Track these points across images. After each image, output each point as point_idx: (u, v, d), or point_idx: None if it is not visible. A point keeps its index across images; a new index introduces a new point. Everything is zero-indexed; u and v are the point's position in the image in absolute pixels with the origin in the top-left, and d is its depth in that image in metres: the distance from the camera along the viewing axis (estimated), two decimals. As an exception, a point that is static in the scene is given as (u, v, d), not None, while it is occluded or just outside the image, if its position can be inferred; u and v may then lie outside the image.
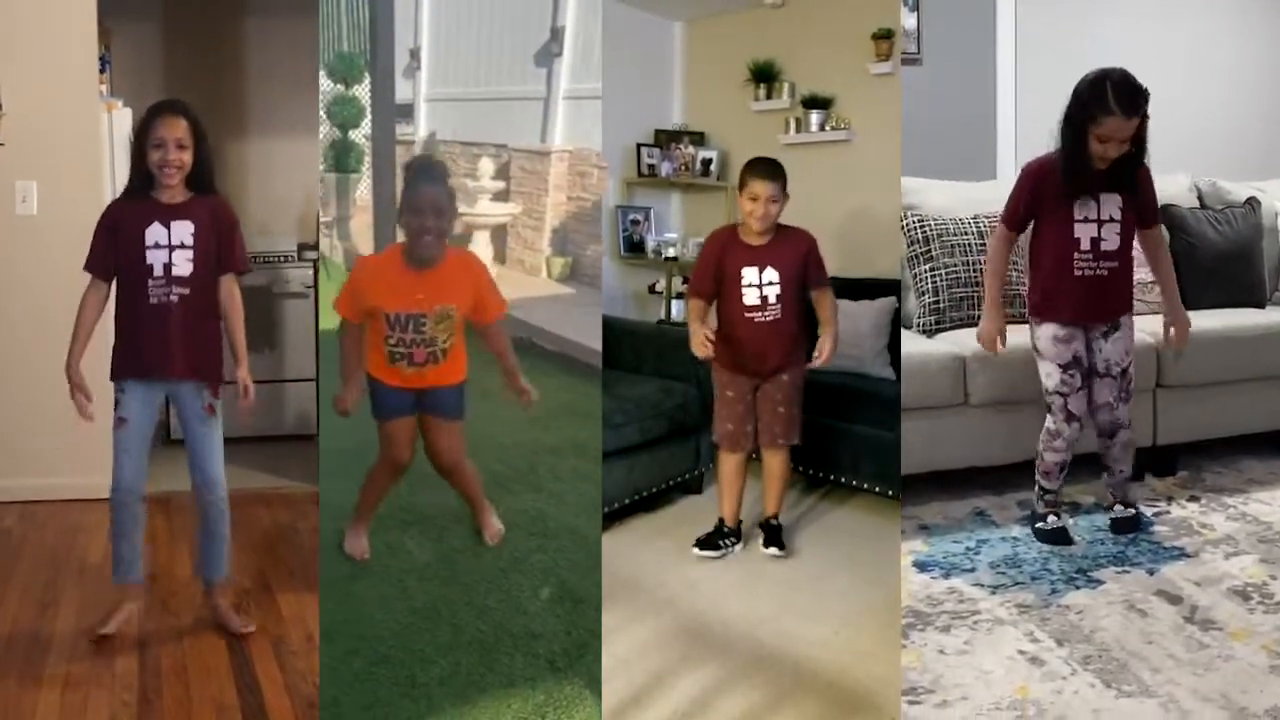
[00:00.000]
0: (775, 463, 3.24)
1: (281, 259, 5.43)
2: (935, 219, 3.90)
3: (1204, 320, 3.85)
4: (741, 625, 2.78)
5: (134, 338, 2.93)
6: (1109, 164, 3.08)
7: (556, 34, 6.35)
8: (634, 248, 5.05)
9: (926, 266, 3.84)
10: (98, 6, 4.31)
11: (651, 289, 5.09)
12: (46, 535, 3.93)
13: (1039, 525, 3.30)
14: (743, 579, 3.10)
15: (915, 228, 3.88)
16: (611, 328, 4.21)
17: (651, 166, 5.02)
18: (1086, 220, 3.14)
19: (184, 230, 2.89)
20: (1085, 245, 3.14)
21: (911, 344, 3.64)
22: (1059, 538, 3.24)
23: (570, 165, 6.24)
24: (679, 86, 5.26)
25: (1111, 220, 3.14)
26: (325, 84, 7.63)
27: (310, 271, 5.43)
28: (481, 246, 6.13)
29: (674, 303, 4.95)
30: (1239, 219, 4.23)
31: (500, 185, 6.48)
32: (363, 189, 7.41)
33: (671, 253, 4.90)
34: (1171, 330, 3.35)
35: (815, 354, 3.10)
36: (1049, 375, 3.22)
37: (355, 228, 7.40)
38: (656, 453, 3.51)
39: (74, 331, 2.95)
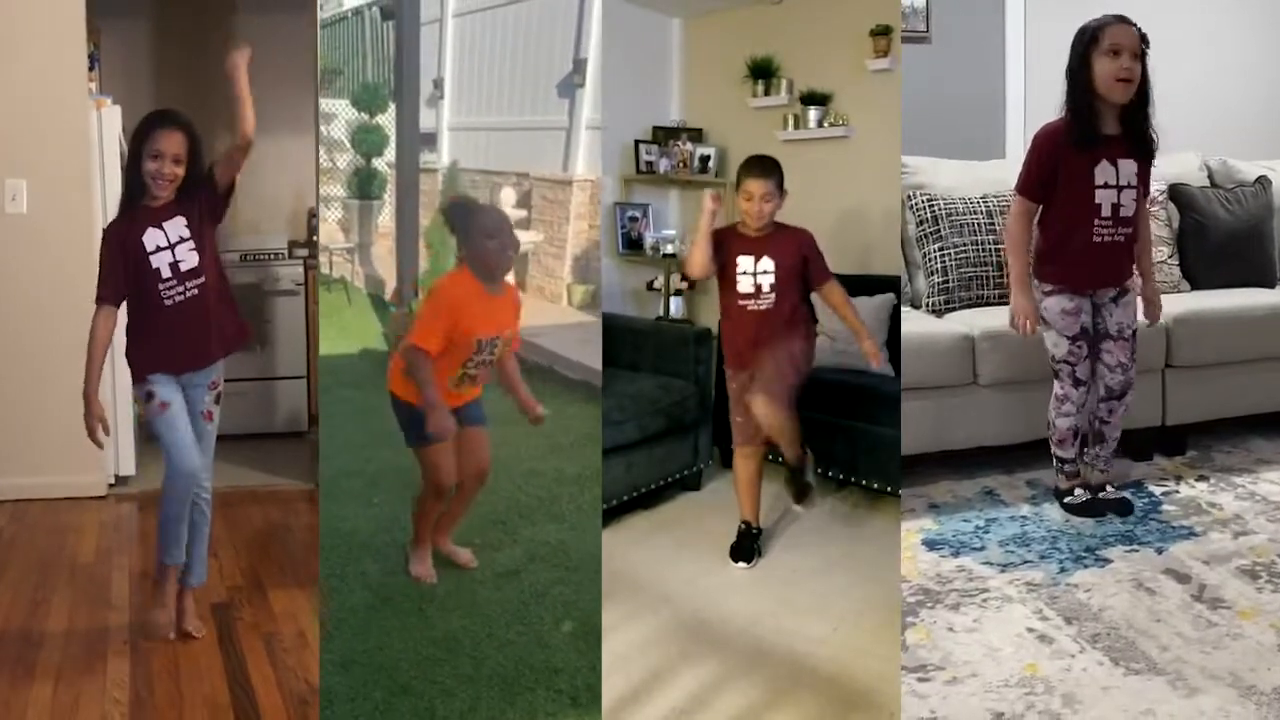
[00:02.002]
0: (764, 411, 3.04)
1: (272, 257, 5.47)
2: (944, 198, 3.93)
3: (1213, 300, 3.92)
4: (740, 622, 2.80)
5: (160, 339, 2.93)
6: (1121, 107, 3.10)
7: (579, 65, 6.51)
8: (632, 245, 5.08)
9: (935, 246, 3.88)
10: (87, 4, 4.35)
11: (649, 286, 5.12)
12: (37, 535, 3.95)
13: (1067, 500, 3.35)
14: (742, 576, 3.12)
15: (924, 207, 3.92)
16: (610, 325, 4.23)
17: (650, 163, 5.05)
18: (1107, 186, 3.14)
19: (178, 225, 2.91)
20: (1106, 211, 3.15)
21: (920, 324, 3.68)
22: (1090, 510, 3.30)
23: (592, 194, 6.37)
24: (677, 83, 5.30)
25: (1129, 186, 3.16)
26: (350, 113, 7.84)
27: (300, 269, 5.47)
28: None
29: (672, 300, 4.99)
30: (1249, 198, 4.27)
31: (522, 214, 6.63)
32: (385, 215, 7.57)
33: (670, 250, 4.93)
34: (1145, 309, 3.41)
35: (868, 359, 3.07)
36: (1057, 345, 3.26)
37: (377, 254, 7.55)
38: (655, 450, 3.53)
39: (89, 359, 2.92)
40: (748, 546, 3.20)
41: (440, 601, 2.72)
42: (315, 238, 5.09)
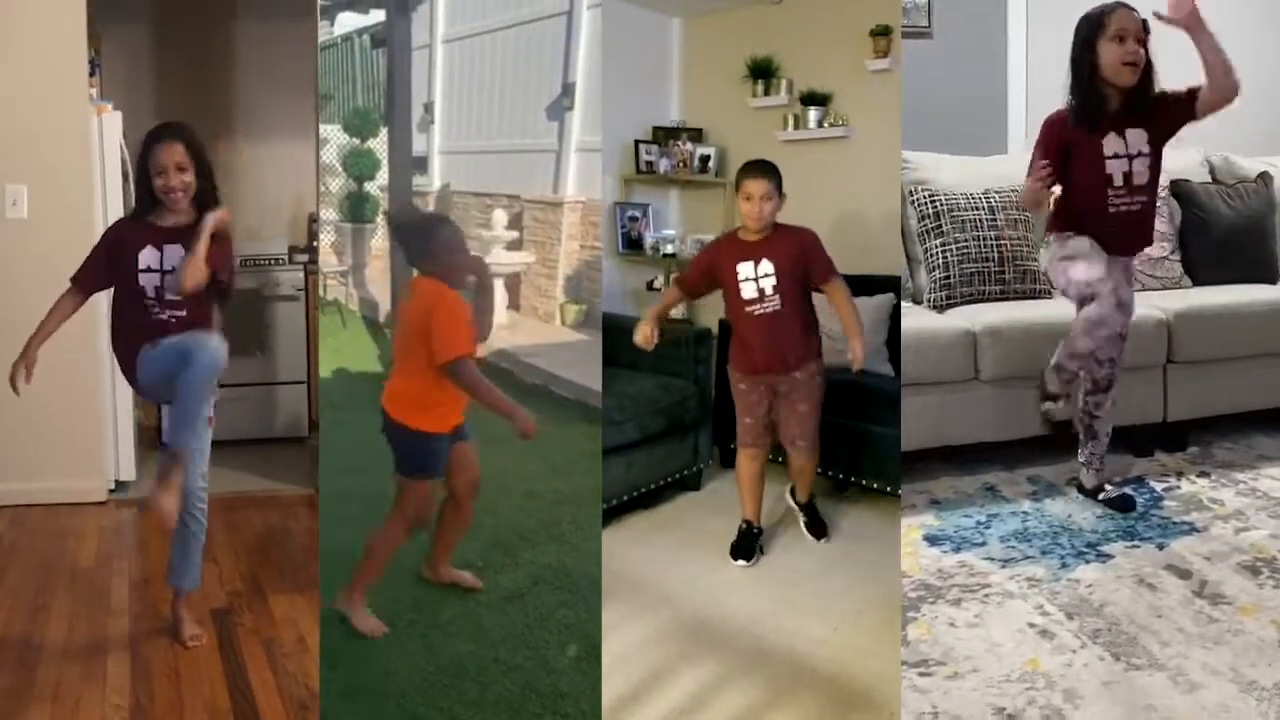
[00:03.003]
0: (799, 460, 3.29)
1: (272, 262, 5.50)
2: (946, 194, 3.95)
3: (1215, 296, 3.93)
4: (740, 622, 2.81)
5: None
6: (1128, 89, 3.11)
7: (568, 89, 6.69)
8: (632, 245, 5.10)
9: (937, 242, 3.90)
10: (87, 10, 4.37)
11: (649, 286, 5.14)
12: (38, 540, 3.97)
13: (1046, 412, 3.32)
14: (741, 575, 3.13)
15: (926, 203, 3.94)
16: (610, 325, 4.25)
17: (650, 163, 5.07)
18: (1117, 156, 3.15)
19: (175, 254, 2.91)
20: (1118, 180, 3.16)
21: (922, 319, 3.70)
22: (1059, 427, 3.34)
23: (583, 215, 6.51)
24: (677, 83, 5.32)
25: (1141, 155, 3.17)
26: (342, 137, 8.06)
27: (301, 274, 5.49)
28: (497, 295, 6.34)
29: (672, 300, 5.01)
30: (1251, 194, 4.28)
31: (513, 235, 6.78)
32: (378, 238, 7.76)
33: (669, 250, 4.95)
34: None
35: (850, 357, 3.08)
36: (1091, 269, 3.12)
37: (370, 276, 7.71)
38: (655, 450, 3.54)
39: (40, 326, 2.97)
40: (748, 545, 3.21)
41: (444, 627, 2.69)
42: (315, 243, 5.13)
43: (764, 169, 3.15)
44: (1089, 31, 3.14)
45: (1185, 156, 4.32)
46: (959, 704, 2.29)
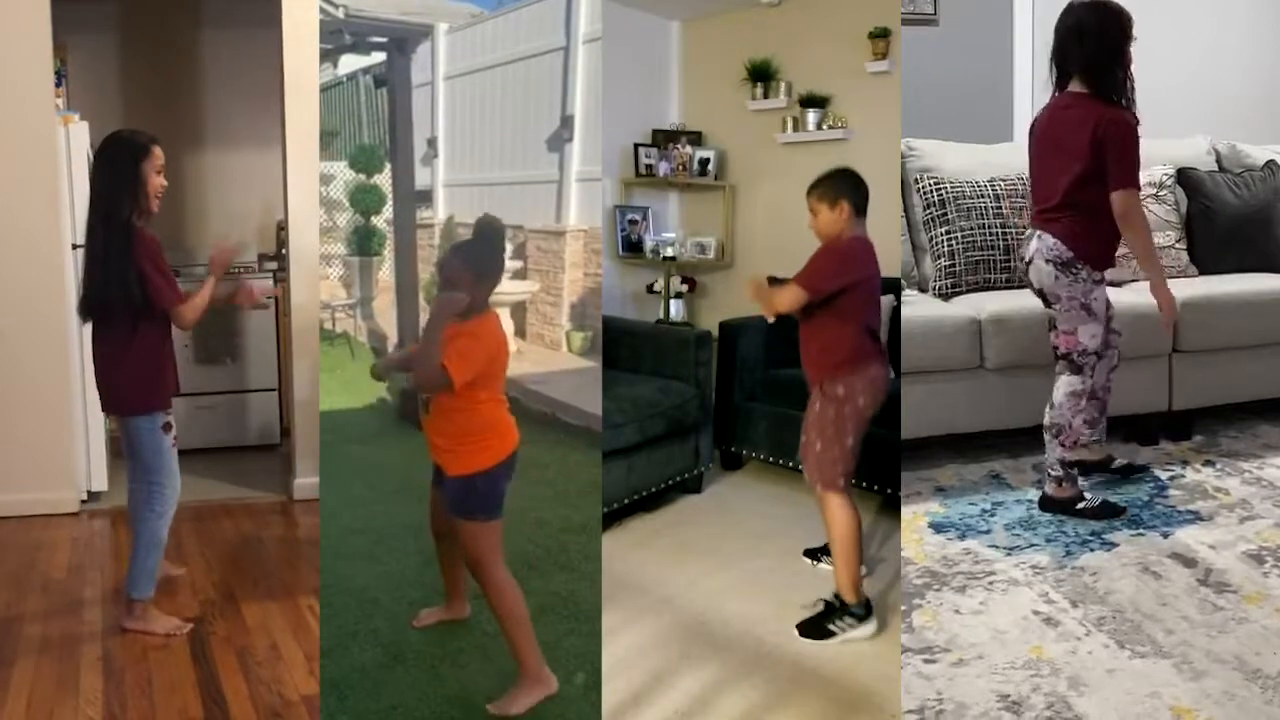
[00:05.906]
0: (822, 506, 2.88)
1: (242, 270, 5.60)
2: (951, 182, 4.05)
3: (1221, 285, 4.01)
4: (741, 624, 2.86)
5: (169, 365, 3.19)
6: None
7: (566, 122, 6.98)
8: (632, 247, 5.21)
9: (943, 230, 4.00)
10: (53, 21, 4.44)
11: (650, 289, 5.25)
12: (9, 552, 4.03)
13: (1080, 507, 3.30)
14: (741, 578, 3.18)
15: (931, 190, 4.03)
16: (610, 328, 4.34)
17: (649, 166, 5.19)
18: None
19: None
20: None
21: (927, 308, 3.79)
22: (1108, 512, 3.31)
23: (585, 243, 6.74)
24: (676, 86, 5.45)
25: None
26: (348, 174, 8.44)
27: (270, 282, 5.60)
28: (502, 323, 6.54)
29: (672, 302, 5.10)
30: (1258, 182, 4.37)
31: (518, 264, 7.05)
32: (385, 271, 8.03)
33: (669, 252, 5.07)
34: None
35: None
36: (1094, 337, 3.25)
37: (378, 307, 7.95)
38: (655, 453, 3.62)
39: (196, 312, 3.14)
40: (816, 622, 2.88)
41: (452, 658, 2.72)
42: (285, 250, 5.25)
43: (813, 185, 2.98)
44: (1120, 30, 3.16)
45: (1192, 145, 4.44)
46: (964, 691, 2.35)
